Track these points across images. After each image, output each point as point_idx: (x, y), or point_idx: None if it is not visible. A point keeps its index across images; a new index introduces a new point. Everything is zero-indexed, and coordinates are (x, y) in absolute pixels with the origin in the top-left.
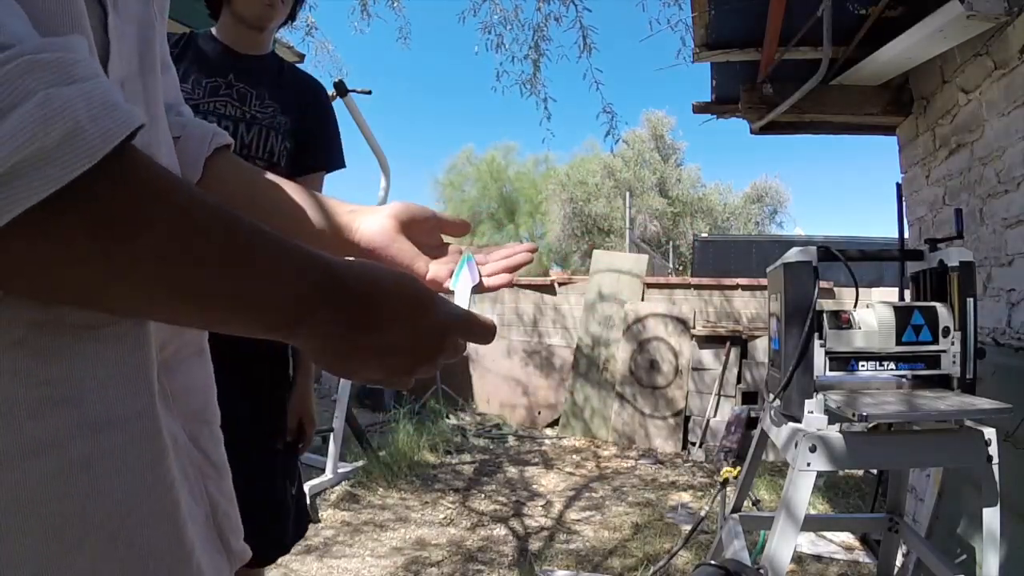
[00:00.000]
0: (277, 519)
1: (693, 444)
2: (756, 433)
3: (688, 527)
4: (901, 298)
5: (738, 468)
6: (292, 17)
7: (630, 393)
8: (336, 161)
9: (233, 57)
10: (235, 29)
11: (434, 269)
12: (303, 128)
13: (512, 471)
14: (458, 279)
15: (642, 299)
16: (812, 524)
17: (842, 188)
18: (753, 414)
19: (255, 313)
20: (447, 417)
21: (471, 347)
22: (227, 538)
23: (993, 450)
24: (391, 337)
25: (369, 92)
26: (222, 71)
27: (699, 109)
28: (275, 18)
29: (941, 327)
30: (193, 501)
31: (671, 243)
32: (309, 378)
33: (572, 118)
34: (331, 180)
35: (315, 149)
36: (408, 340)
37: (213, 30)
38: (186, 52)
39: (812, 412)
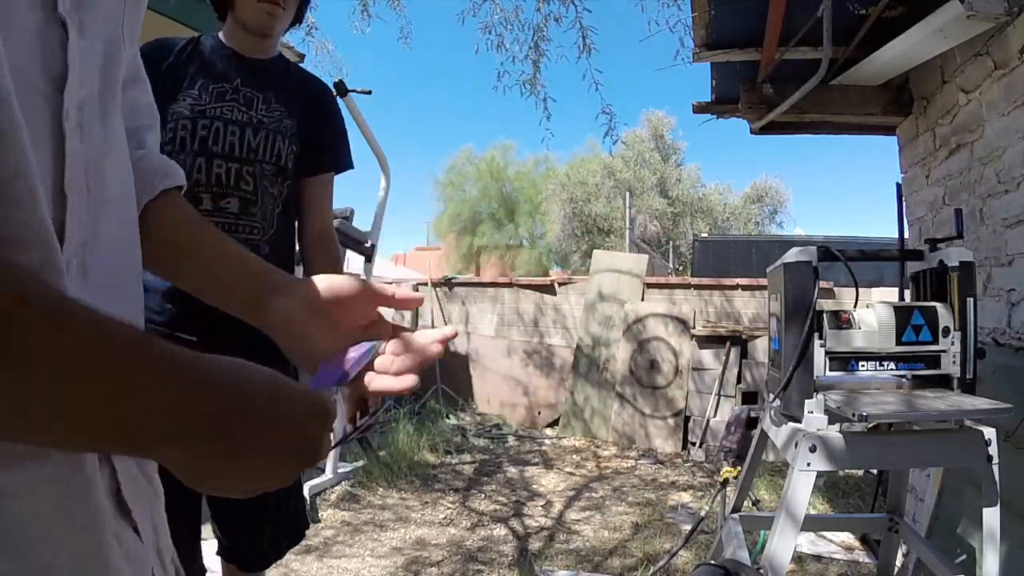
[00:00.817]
0: (275, 524)
1: (693, 444)
2: (756, 433)
3: (688, 527)
4: (901, 298)
5: (738, 468)
6: (299, 20)
7: (630, 393)
8: (344, 162)
9: (239, 62)
10: (240, 35)
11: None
12: (310, 130)
13: (512, 471)
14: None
15: (642, 299)
16: (812, 524)
17: (842, 188)
18: (753, 414)
19: (99, 432)
20: (447, 417)
21: (471, 347)
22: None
23: (993, 450)
24: (255, 456)
25: (369, 92)
26: (228, 76)
27: (699, 109)
28: (277, 25)
29: (941, 327)
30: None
31: (671, 243)
32: None
33: (572, 118)
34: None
35: (322, 151)
36: (273, 457)
37: (221, 34)
38: (193, 57)
39: (812, 412)
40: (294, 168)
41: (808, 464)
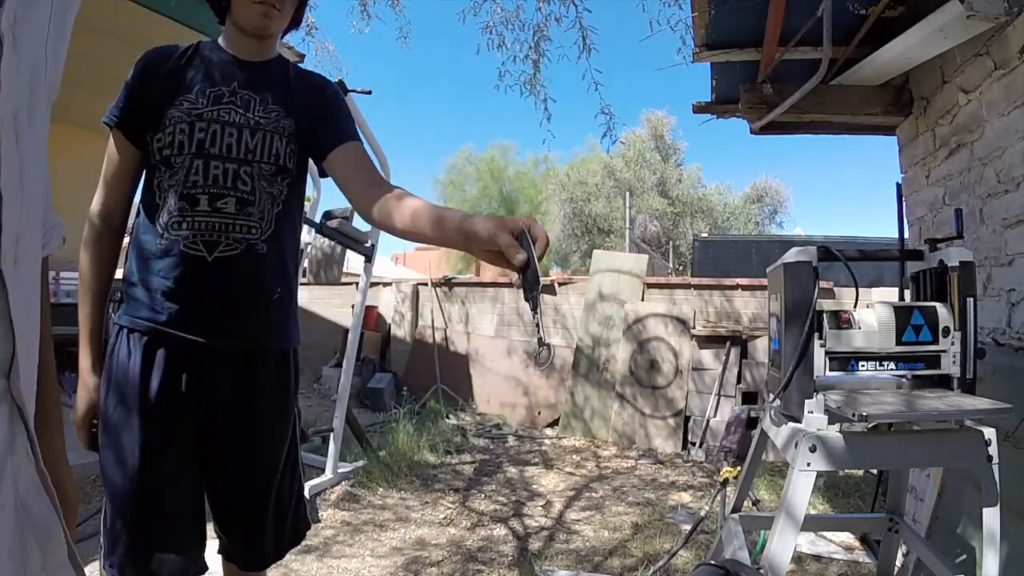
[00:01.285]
0: (276, 524)
1: (693, 444)
2: (756, 433)
3: (688, 527)
4: (901, 298)
5: (738, 468)
6: (296, 23)
7: (630, 393)
8: (355, 134)
9: (237, 65)
10: (237, 38)
11: None
12: (309, 129)
13: (512, 471)
14: None
15: (642, 299)
16: (812, 524)
17: (842, 188)
18: (753, 414)
19: None
20: (447, 417)
21: (471, 347)
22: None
23: (993, 450)
24: None
25: (369, 92)
26: (227, 79)
27: (699, 109)
28: (273, 27)
29: (941, 327)
30: None
31: (671, 243)
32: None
33: (572, 117)
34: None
35: (333, 130)
36: None
37: (220, 39)
38: (191, 62)
39: (812, 412)
40: (296, 167)
41: (808, 464)
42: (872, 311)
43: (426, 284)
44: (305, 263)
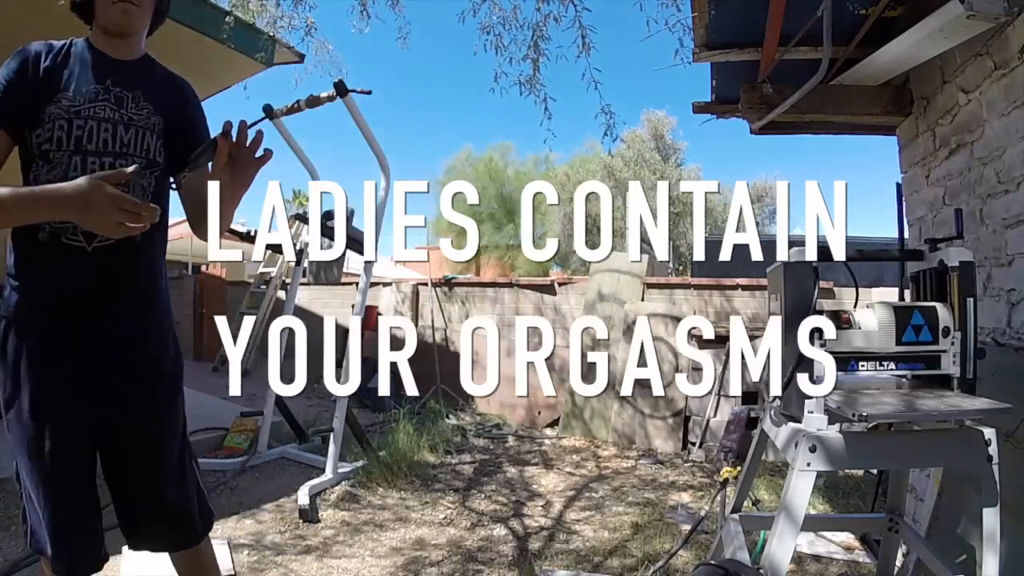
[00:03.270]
0: (142, 508)
1: (693, 444)
2: (756, 433)
3: (688, 527)
4: (901, 298)
5: (738, 468)
6: (159, 19)
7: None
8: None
9: (109, 63)
10: (103, 38)
11: None
12: (178, 128)
13: (512, 471)
14: None
15: (642, 299)
16: (812, 524)
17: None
18: (753, 414)
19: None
20: (447, 417)
21: (471, 347)
22: None
23: (993, 450)
24: None
25: (369, 92)
26: (101, 77)
27: (699, 109)
28: (134, 24)
29: (941, 327)
30: None
31: (671, 243)
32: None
33: (573, 117)
34: (331, 177)
35: (193, 149)
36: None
37: (90, 38)
38: (67, 60)
39: (812, 412)
40: (166, 162)
41: (808, 464)
42: (872, 311)
43: (426, 284)
44: (305, 263)
